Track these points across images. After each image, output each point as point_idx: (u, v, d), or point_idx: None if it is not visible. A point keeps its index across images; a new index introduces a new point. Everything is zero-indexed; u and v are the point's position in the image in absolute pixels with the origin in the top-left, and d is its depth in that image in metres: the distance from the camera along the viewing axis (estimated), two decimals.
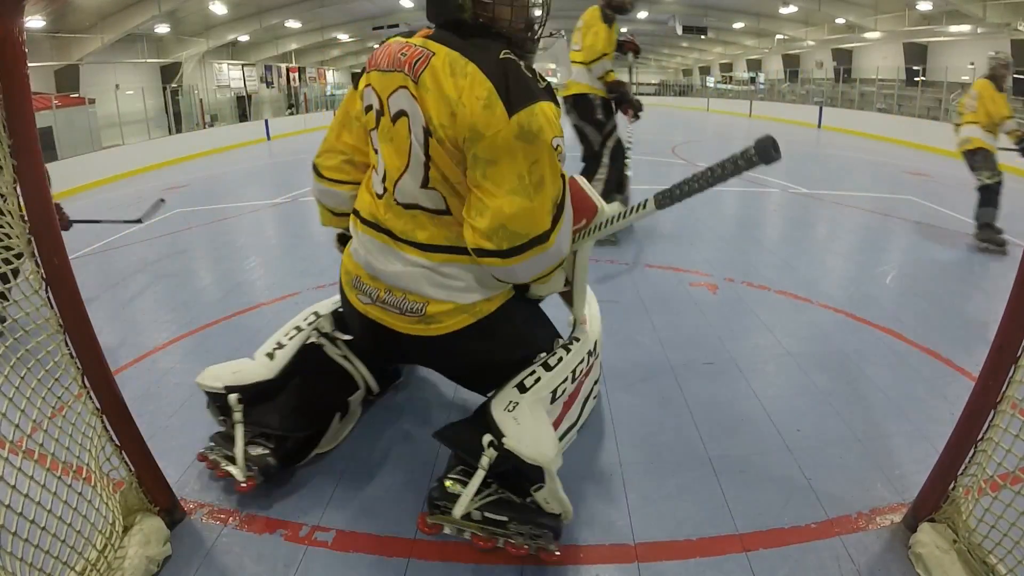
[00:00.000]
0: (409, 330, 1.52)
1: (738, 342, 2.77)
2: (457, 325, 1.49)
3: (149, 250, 4.90)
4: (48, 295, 1.35)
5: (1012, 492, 1.30)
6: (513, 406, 1.49)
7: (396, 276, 1.47)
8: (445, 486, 1.53)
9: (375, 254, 1.51)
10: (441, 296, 1.47)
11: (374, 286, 1.53)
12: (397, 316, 1.51)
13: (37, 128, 1.33)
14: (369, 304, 1.56)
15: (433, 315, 1.48)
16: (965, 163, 4.67)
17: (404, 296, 1.48)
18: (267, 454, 1.75)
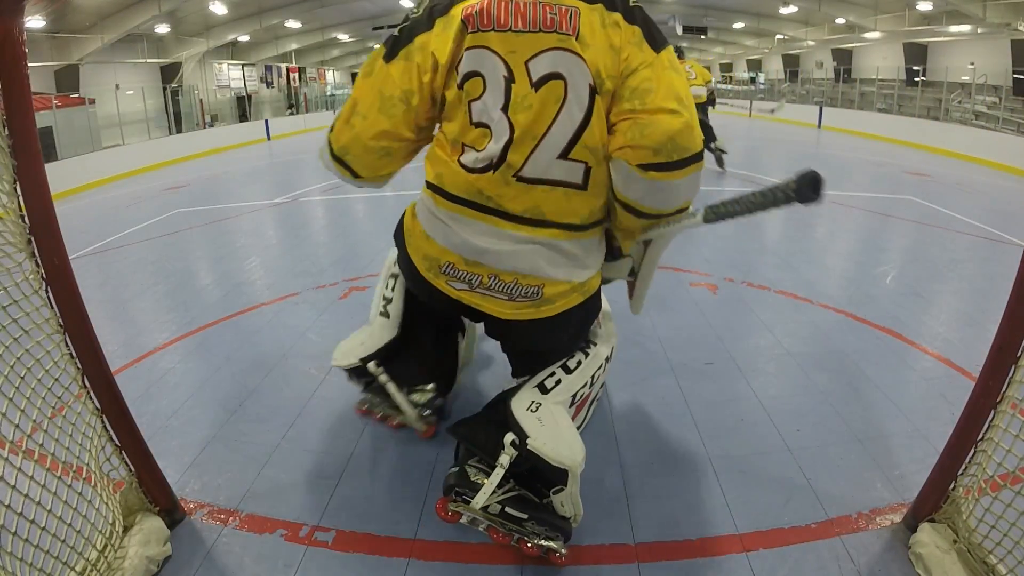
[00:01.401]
0: (516, 315, 1.41)
1: (738, 342, 2.77)
2: (568, 304, 1.42)
3: (149, 250, 4.90)
4: (48, 295, 1.35)
5: (1012, 492, 1.30)
6: (536, 406, 1.46)
7: (508, 256, 1.33)
8: (467, 473, 1.48)
9: (478, 236, 1.34)
10: (560, 276, 1.38)
11: (474, 272, 1.38)
12: (503, 303, 1.40)
13: (37, 128, 1.33)
14: (465, 291, 1.42)
15: (549, 297, 1.39)
16: None
17: (516, 280, 1.36)
18: (431, 397, 1.86)
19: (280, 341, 2.90)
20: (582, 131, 1.26)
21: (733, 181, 7.25)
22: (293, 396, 2.37)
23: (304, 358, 2.71)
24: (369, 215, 6.06)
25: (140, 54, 14.41)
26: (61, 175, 8.52)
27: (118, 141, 11.61)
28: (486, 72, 1.25)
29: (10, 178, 1.26)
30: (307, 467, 1.93)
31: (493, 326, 1.54)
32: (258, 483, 1.85)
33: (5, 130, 1.24)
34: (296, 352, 2.77)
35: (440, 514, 1.54)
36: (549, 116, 1.25)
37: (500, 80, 1.24)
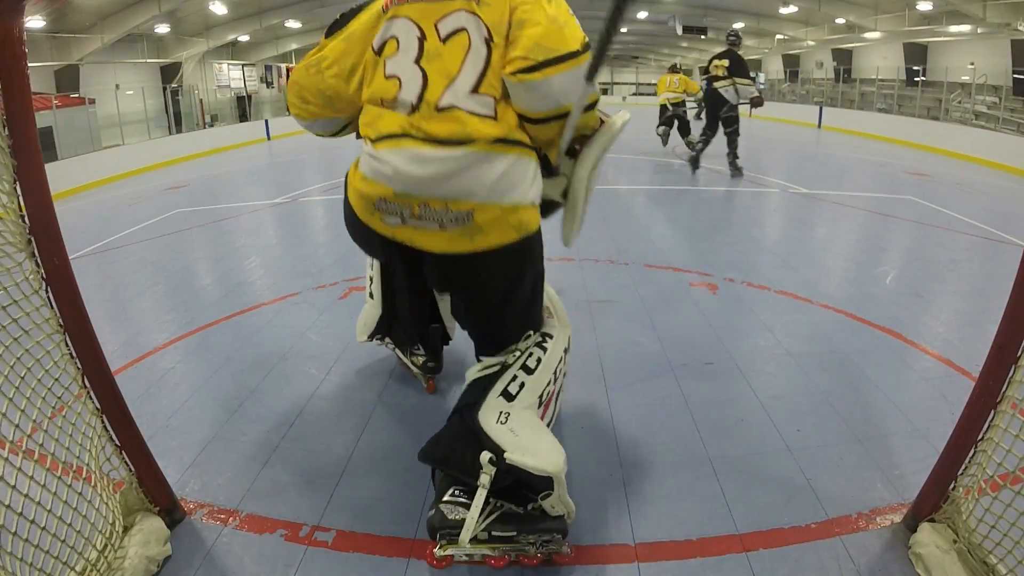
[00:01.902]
0: (450, 248, 1.42)
1: (738, 342, 2.77)
2: (503, 239, 1.43)
3: (149, 250, 4.90)
4: (48, 295, 1.35)
5: (1012, 492, 1.30)
6: (505, 417, 1.47)
7: (437, 180, 1.36)
8: (444, 513, 1.47)
9: (408, 163, 1.38)
10: (491, 198, 1.39)
11: (405, 203, 1.40)
12: (436, 235, 1.42)
13: (37, 128, 1.33)
14: (399, 226, 1.44)
15: (480, 224, 1.40)
16: None
17: (445, 206, 1.38)
18: (424, 359, 2.28)
19: (280, 341, 2.90)
20: (485, 72, 1.42)
21: (732, 180, 7.24)
22: (293, 396, 2.37)
23: (304, 358, 2.71)
24: None
25: (140, 54, 14.41)
26: (61, 175, 8.52)
27: (118, 141, 11.61)
28: (400, 34, 1.46)
29: (10, 178, 1.26)
30: (307, 467, 1.93)
31: (435, 271, 1.55)
32: (258, 483, 1.86)
33: (5, 130, 1.24)
34: (296, 352, 2.77)
35: (431, 562, 1.51)
36: (458, 60, 1.42)
37: (413, 40, 1.45)
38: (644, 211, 5.65)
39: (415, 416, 2.22)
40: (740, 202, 6.22)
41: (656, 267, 3.86)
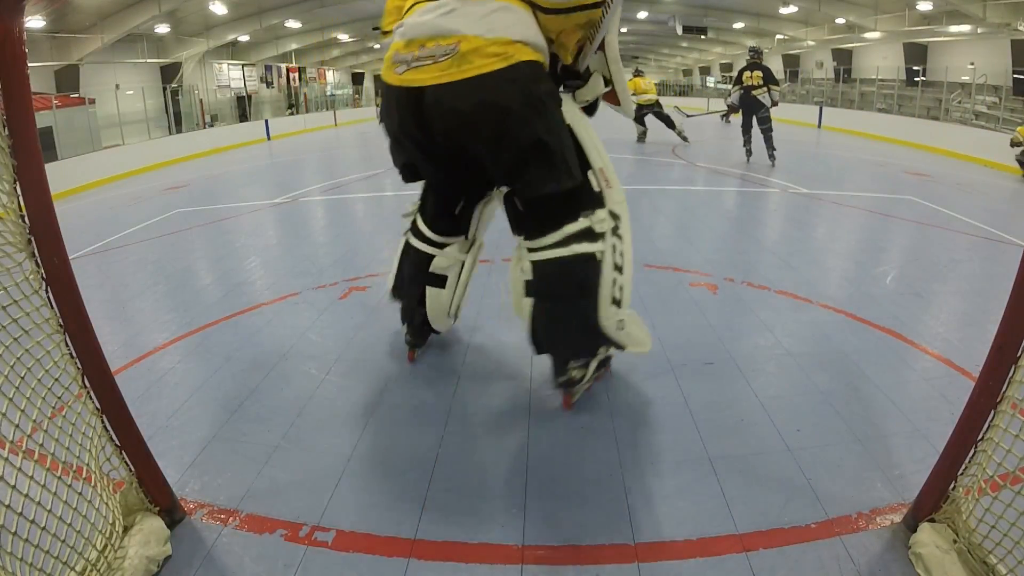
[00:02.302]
0: (440, 78, 1.64)
1: (738, 342, 2.77)
2: (489, 66, 1.61)
3: (149, 250, 4.90)
4: (48, 295, 1.35)
5: (1012, 492, 1.30)
6: (621, 324, 1.99)
7: (431, 25, 1.66)
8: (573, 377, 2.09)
9: (414, 19, 1.72)
10: (471, 31, 1.62)
11: (409, 50, 1.71)
12: (432, 68, 1.65)
13: (37, 128, 1.33)
14: (404, 71, 1.72)
15: (465, 53, 1.61)
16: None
17: (436, 43, 1.63)
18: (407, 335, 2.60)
19: (280, 341, 2.90)
20: None
21: (732, 180, 7.25)
22: (293, 396, 2.37)
23: (304, 358, 2.71)
24: (369, 215, 6.06)
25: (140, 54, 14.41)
26: (61, 175, 8.53)
27: (118, 141, 11.61)
28: None
29: (10, 178, 1.26)
30: (307, 467, 1.93)
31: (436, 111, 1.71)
32: (258, 483, 1.86)
33: (5, 130, 1.24)
34: (296, 352, 2.77)
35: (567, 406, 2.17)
36: None
37: None
38: (644, 211, 5.65)
39: (415, 416, 2.22)
40: (740, 202, 6.23)
41: (656, 267, 3.86)
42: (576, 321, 1.96)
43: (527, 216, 1.97)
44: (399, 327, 2.99)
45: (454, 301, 2.45)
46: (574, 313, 1.94)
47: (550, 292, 1.95)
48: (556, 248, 1.90)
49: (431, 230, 2.34)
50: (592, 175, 1.93)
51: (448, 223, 2.31)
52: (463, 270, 2.41)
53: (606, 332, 1.95)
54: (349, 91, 25.81)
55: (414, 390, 2.40)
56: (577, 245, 1.88)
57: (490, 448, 2.01)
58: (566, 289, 1.93)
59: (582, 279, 1.90)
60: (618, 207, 1.96)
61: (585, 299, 1.91)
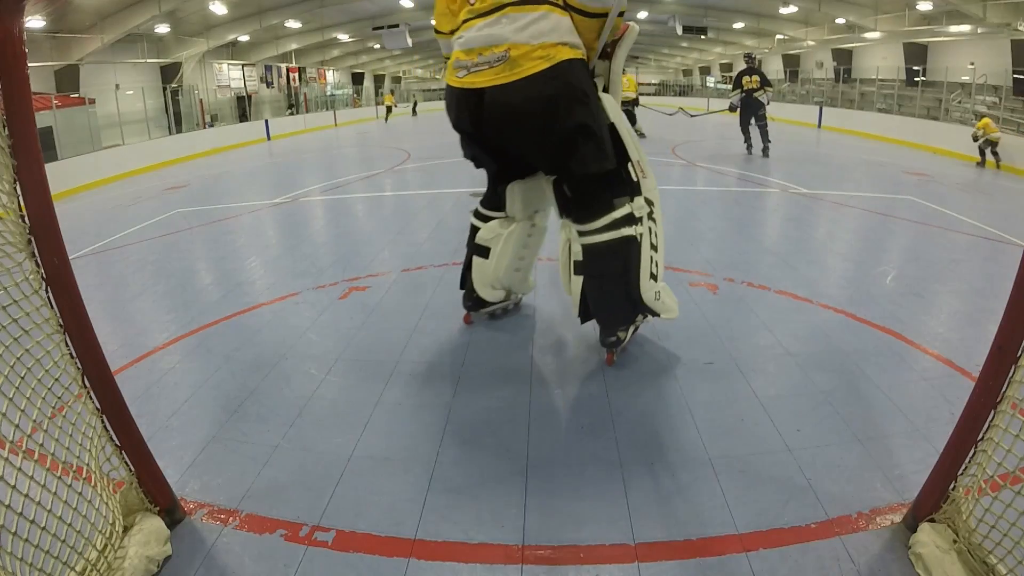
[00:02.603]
0: (495, 80, 2.02)
1: (738, 342, 2.77)
2: (536, 67, 1.98)
3: (149, 250, 4.90)
4: (48, 295, 1.35)
5: (1012, 492, 1.30)
6: (658, 294, 2.37)
7: (486, 36, 2.03)
8: (619, 337, 2.48)
9: (471, 33, 2.08)
10: (520, 39, 1.98)
11: (468, 57, 2.09)
12: (486, 72, 2.04)
13: (37, 128, 1.33)
14: (464, 75, 2.11)
15: (515, 58, 1.98)
16: None
17: (491, 51, 2.01)
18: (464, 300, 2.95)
19: (280, 341, 2.90)
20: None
21: (732, 180, 7.25)
22: (293, 396, 2.37)
23: (304, 358, 2.71)
24: (369, 215, 6.06)
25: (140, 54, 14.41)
26: (61, 175, 8.52)
27: (118, 141, 11.61)
28: None
29: (10, 178, 1.26)
30: (307, 467, 1.93)
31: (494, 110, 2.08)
32: (258, 483, 1.86)
33: (5, 130, 1.24)
34: (296, 352, 2.77)
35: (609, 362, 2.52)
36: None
37: None
38: None
39: (415, 416, 2.22)
40: (740, 202, 6.22)
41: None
42: (622, 294, 2.33)
43: (576, 202, 2.30)
44: (399, 327, 3.00)
45: (493, 272, 2.72)
46: (620, 287, 2.31)
47: (599, 271, 2.30)
48: (604, 232, 2.25)
49: (484, 207, 2.75)
50: (631, 167, 2.28)
51: (493, 200, 2.70)
52: (502, 244, 2.67)
53: (646, 302, 2.34)
54: (349, 91, 25.82)
55: (414, 390, 2.40)
56: (621, 229, 2.24)
57: (490, 448, 2.01)
58: (613, 267, 2.29)
59: (626, 258, 2.27)
60: (652, 194, 2.34)
61: (629, 275, 2.29)
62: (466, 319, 3.00)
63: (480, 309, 2.97)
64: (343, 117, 21.36)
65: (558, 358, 2.65)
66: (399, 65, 31.09)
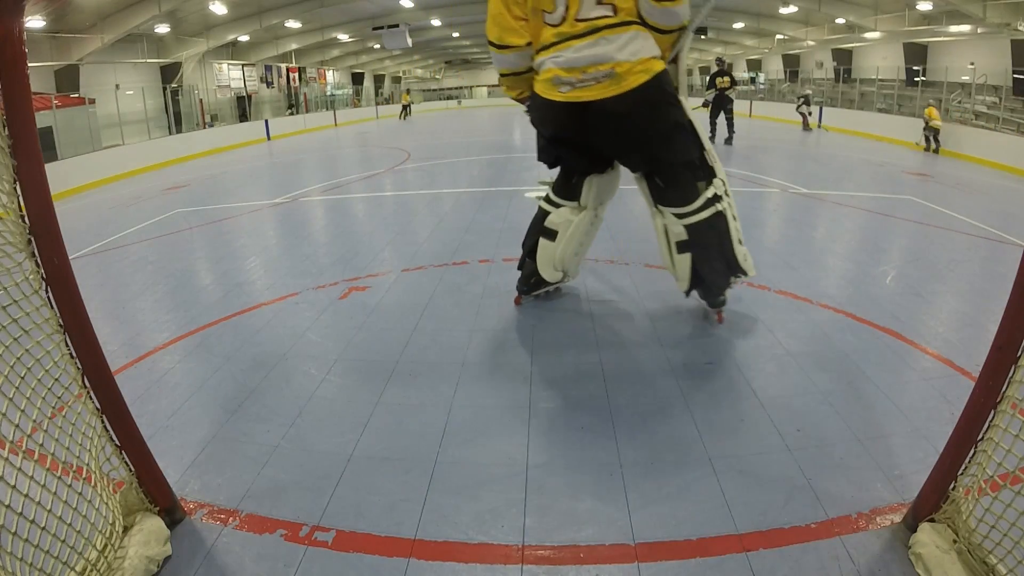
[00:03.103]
0: (604, 94, 2.34)
1: (738, 342, 2.77)
2: (638, 80, 2.33)
3: (149, 250, 4.90)
4: (48, 295, 1.35)
5: (1012, 492, 1.30)
6: (745, 255, 2.77)
7: (590, 57, 2.33)
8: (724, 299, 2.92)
9: (570, 54, 2.36)
10: (622, 56, 2.31)
11: (571, 75, 2.38)
12: (594, 87, 2.35)
13: (37, 128, 1.33)
14: (569, 91, 2.40)
15: (621, 74, 2.31)
16: None
17: (596, 68, 2.32)
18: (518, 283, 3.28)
19: (280, 341, 2.90)
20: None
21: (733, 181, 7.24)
22: (293, 396, 2.37)
23: (304, 358, 2.71)
24: (369, 215, 6.06)
25: (140, 54, 14.40)
26: (61, 175, 8.52)
27: (118, 141, 11.60)
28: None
29: (10, 178, 1.26)
30: (307, 467, 1.93)
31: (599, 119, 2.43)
32: (258, 483, 1.86)
33: (5, 130, 1.25)
34: (296, 352, 2.77)
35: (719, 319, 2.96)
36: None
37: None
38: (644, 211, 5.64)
39: (415, 416, 2.22)
40: (740, 202, 6.20)
41: (656, 267, 3.85)
42: (723, 260, 2.74)
43: (670, 190, 2.67)
44: (399, 327, 3.00)
45: (559, 254, 3.00)
46: (720, 255, 2.72)
47: (704, 244, 2.67)
48: (700, 212, 2.64)
49: (556, 195, 3.03)
50: (705, 153, 2.68)
51: (567, 190, 2.99)
52: (571, 228, 2.95)
53: (739, 263, 2.74)
54: (349, 91, 25.80)
55: (415, 390, 2.40)
56: (712, 206, 2.65)
57: (490, 448, 2.01)
58: (712, 239, 2.68)
59: (720, 230, 2.68)
60: (722, 174, 2.74)
61: (724, 243, 2.70)
62: (517, 301, 3.27)
63: (533, 292, 3.25)
64: (343, 117, 21.37)
65: (558, 358, 2.65)
66: (399, 65, 31.09)
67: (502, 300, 3.33)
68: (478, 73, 36.72)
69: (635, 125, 2.46)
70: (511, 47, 2.56)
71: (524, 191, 6.59)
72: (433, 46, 26.95)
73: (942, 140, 10.29)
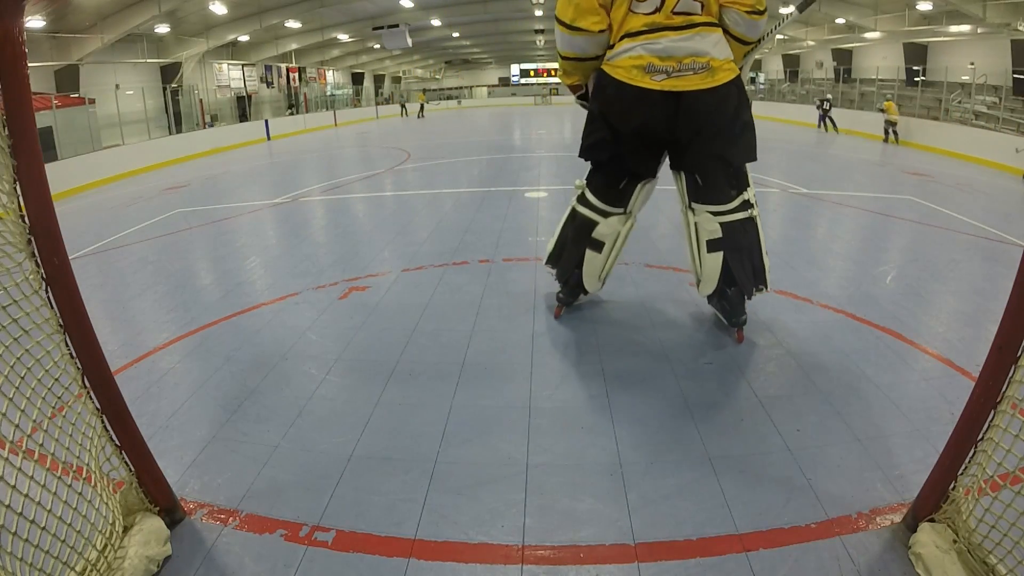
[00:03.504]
0: (699, 85, 2.38)
1: (738, 342, 2.76)
2: (727, 77, 2.43)
3: (149, 250, 4.90)
4: (48, 295, 1.35)
5: (1012, 492, 1.30)
6: (769, 268, 2.75)
7: (689, 48, 2.37)
8: (745, 317, 2.79)
9: (666, 43, 2.37)
10: (716, 53, 2.40)
11: (668, 64, 2.38)
12: (690, 78, 2.38)
13: (37, 128, 1.33)
14: (664, 79, 2.39)
15: (714, 68, 2.39)
16: None
17: (693, 60, 2.37)
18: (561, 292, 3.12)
19: (280, 341, 2.90)
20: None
21: None
22: (293, 396, 2.37)
23: (304, 358, 2.71)
24: (369, 215, 6.06)
25: (140, 54, 14.40)
26: (61, 175, 8.52)
27: (118, 141, 11.61)
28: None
29: (10, 178, 1.26)
30: (307, 467, 1.93)
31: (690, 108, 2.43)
32: (258, 483, 1.86)
33: (5, 130, 1.24)
34: (296, 352, 2.77)
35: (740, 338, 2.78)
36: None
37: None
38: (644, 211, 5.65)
39: (415, 416, 2.22)
40: None
41: (656, 267, 3.86)
42: (752, 263, 2.72)
43: (709, 189, 2.67)
44: (399, 327, 2.99)
45: (607, 266, 2.91)
46: (751, 258, 2.70)
47: (738, 244, 2.65)
48: (735, 212, 2.65)
49: (600, 200, 2.85)
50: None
51: (614, 195, 2.83)
52: (618, 239, 2.88)
53: (766, 271, 2.73)
54: (349, 91, 25.81)
55: (415, 390, 2.40)
56: (748, 210, 2.67)
57: (490, 448, 2.01)
58: (745, 241, 2.67)
59: (752, 234, 2.69)
60: (752, 185, 2.77)
61: (754, 248, 2.70)
62: (557, 312, 3.12)
63: (575, 302, 3.16)
64: (343, 117, 21.37)
65: (558, 358, 2.65)
66: (399, 65, 31.09)
67: (502, 300, 3.33)
68: (478, 73, 36.73)
69: (718, 120, 2.50)
70: (584, 31, 2.46)
71: (524, 191, 6.60)
72: (433, 46, 26.95)
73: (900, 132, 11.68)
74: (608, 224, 2.83)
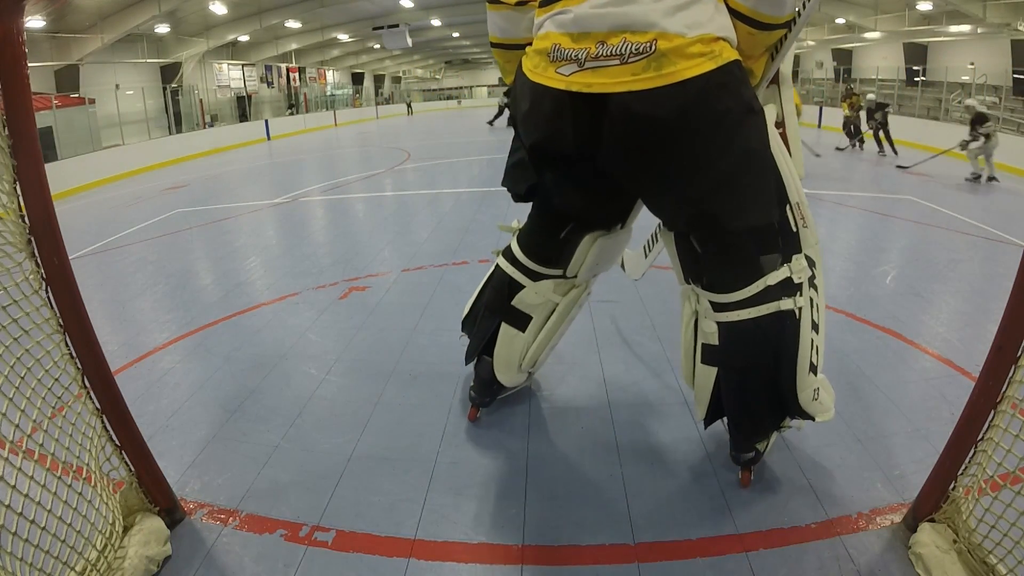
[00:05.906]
0: (634, 84, 1.29)
1: None
2: (697, 69, 1.27)
3: (149, 250, 4.90)
4: (48, 295, 1.35)
5: (1012, 492, 1.30)
6: (816, 393, 1.62)
7: (616, 16, 1.30)
8: (758, 451, 1.78)
9: (585, 12, 1.34)
10: (673, 27, 1.26)
11: (581, 46, 1.34)
12: (614, 70, 1.30)
13: (37, 128, 1.33)
14: (575, 72, 1.35)
15: (665, 53, 1.27)
16: None
17: (624, 40, 1.29)
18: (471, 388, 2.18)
19: (280, 341, 2.90)
20: None
21: None
22: (293, 396, 2.37)
23: (304, 358, 2.71)
24: (369, 215, 6.06)
25: (140, 54, 14.40)
26: (61, 175, 8.52)
27: (118, 141, 11.61)
28: None
29: (10, 178, 1.26)
30: (307, 467, 1.93)
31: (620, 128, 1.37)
32: (258, 483, 1.86)
33: (5, 130, 1.25)
34: (296, 352, 2.77)
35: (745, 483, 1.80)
36: None
37: None
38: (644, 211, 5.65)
39: (415, 416, 2.22)
40: None
41: (656, 267, 3.85)
42: (769, 393, 1.63)
43: (712, 262, 1.60)
44: (399, 327, 2.99)
45: (529, 351, 2.00)
46: (769, 384, 1.62)
47: (742, 360, 1.60)
48: (751, 306, 1.54)
49: (527, 255, 1.93)
50: (789, 211, 1.58)
51: (549, 249, 1.90)
52: (552, 316, 1.98)
53: (801, 403, 1.60)
54: (349, 91, 25.81)
55: (414, 390, 2.40)
56: (775, 301, 1.54)
57: (490, 448, 2.01)
58: (761, 356, 1.59)
59: (779, 344, 1.57)
60: (814, 251, 1.64)
61: (781, 366, 1.59)
62: (471, 415, 2.17)
63: (494, 400, 2.19)
64: (343, 117, 21.37)
65: (558, 358, 2.65)
66: (399, 65, 31.07)
67: None
68: (478, 73, 36.72)
69: (684, 147, 1.38)
70: (499, 3, 1.63)
71: None
72: (433, 46, 26.94)
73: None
74: (537, 291, 1.93)
